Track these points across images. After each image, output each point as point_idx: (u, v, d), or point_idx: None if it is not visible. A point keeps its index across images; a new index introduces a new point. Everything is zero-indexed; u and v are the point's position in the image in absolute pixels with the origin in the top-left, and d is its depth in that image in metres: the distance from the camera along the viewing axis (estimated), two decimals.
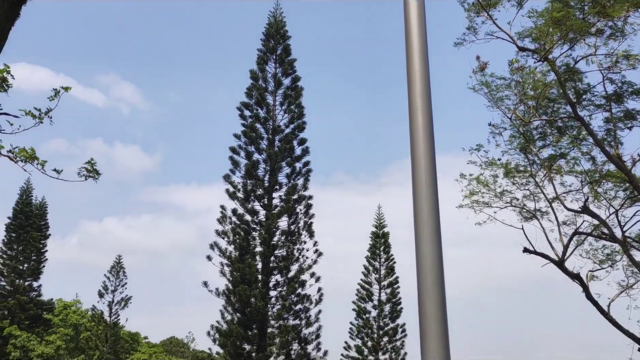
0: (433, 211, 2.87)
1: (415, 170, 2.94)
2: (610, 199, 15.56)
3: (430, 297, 2.74)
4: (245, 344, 26.45)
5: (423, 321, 2.72)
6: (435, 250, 2.80)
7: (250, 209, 28.06)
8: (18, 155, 5.51)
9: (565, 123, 14.99)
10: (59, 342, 42.23)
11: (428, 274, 2.77)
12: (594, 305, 14.76)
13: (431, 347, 2.65)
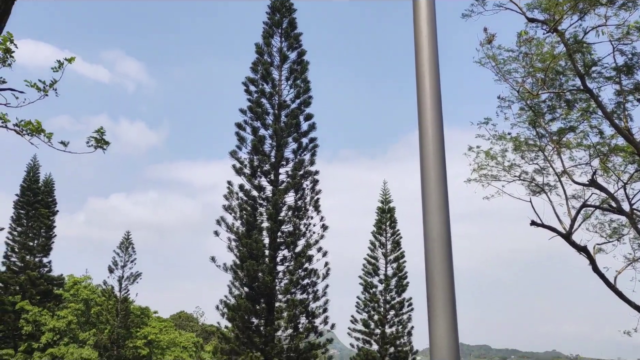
0: (441, 185, 2.85)
1: (423, 144, 2.92)
2: (619, 173, 15.47)
3: (437, 271, 2.73)
4: (254, 317, 26.75)
5: (431, 296, 2.72)
6: (443, 225, 2.79)
7: (256, 185, 28.09)
8: (24, 129, 5.51)
9: (574, 96, 14.81)
10: (71, 317, 42.90)
11: (436, 248, 2.76)
12: (601, 277, 14.79)
13: (439, 322, 2.66)
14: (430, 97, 2.95)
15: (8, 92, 5.64)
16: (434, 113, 2.94)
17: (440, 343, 2.64)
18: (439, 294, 2.70)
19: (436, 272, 2.74)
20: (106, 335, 41.03)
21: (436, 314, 2.69)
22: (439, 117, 2.94)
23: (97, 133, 6.30)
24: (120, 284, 43.95)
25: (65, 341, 42.18)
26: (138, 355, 42.10)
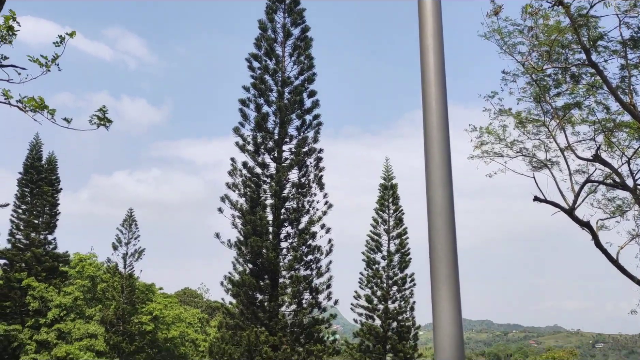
0: (444, 162, 2.85)
1: (427, 120, 2.91)
2: (623, 148, 15.41)
3: (441, 247, 2.74)
4: (258, 293, 27.01)
5: (434, 272, 2.74)
6: (447, 201, 2.79)
7: (260, 162, 28.11)
8: (27, 105, 5.50)
9: (580, 70, 14.68)
10: (77, 293, 43.39)
11: (439, 224, 2.77)
12: (603, 253, 14.84)
13: (442, 298, 2.68)
14: (434, 73, 2.93)
15: (10, 68, 5.62)
16: (438, 89, 2.92)
17: (443, 319, 2.66)
18: (442, 269, 2.72)
19: (440, 247, 2.75)
20: (112, 311, 41.50)
21: (440, 290, 2.70)
22: (443, 94, 2.93)
23: (99, 111, 6.29)
24: (125, 260, 44.34)
25: (71, 317, 42.74)
26: (144, 331, 42.64)
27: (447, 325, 2.65)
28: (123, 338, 40.99)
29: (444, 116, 2.88)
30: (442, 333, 2.67)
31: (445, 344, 2.65)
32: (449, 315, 2.66)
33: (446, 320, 2.65)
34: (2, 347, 41.42)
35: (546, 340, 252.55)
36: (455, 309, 2.68)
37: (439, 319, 2.67)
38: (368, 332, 39.51)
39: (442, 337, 2.68)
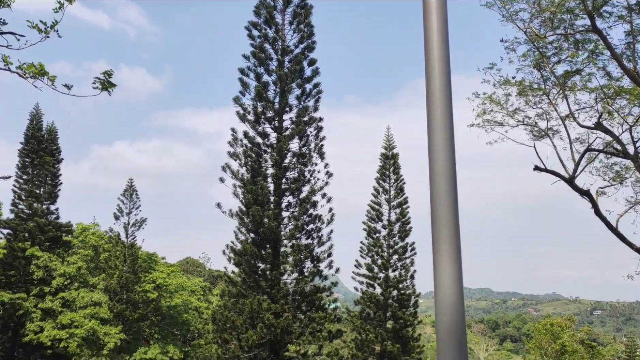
0: (447, 132, 2.86)
1: (430, 89, 2.91)
2: (625, 116, 15.36)
3: (443, 216, 2.77)
4: (260, 262, 27.27)
5: (436, 239, 2.77)
6: (449, 171, 2.81)
7: (261, 132, 28.05)
8: (27, 71, 5.48)
9: (583, 36, 14.52)
10: (80, 263, 43.82)
11: (441, 193, 2.79)
12: (603, 221, 14.93)
13: (443, 265, 2.71)
14: (437, 42, 2.92)
15: (9, 35, 5.58)
16: (441, 58, 2.92)
17: (444, 285, 2.70)
18: (443, 237, 2.75)
19: (441, 218, 2.78)
20: (115, 280, 41.97)
21: (441, 256, 2.74)
22: (446, 62, 2.92)
23: (104, 74, 6.19)
24: (127, 230, 44.63)
25: (75, 286, 43.25)
26: (147, 299, 43.20)
27: (449, 293, 2.69)
28: (127, 306, 41.56)
29: (447, 84, 2.88)
30: (444, 300, 2.71)
31: (446, 309, 2.69)
32: (451, 284, 2.70)
33: (447, 288, 2.69)
34: (8, 315, 42.05)
35: (544, 308, 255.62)
36: (457, 277, 2.72)
37: (441, 285, 2.71)
38: (369, 300, 39.99)
39: (443, 301, 2.72)
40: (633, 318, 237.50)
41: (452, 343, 2.66)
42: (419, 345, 40.53)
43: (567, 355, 43.54)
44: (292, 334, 26.06)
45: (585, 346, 48.38)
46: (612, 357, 63.40)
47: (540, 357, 44.77)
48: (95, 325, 39.71)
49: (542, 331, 45.64)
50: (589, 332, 64.10)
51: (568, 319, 52.65)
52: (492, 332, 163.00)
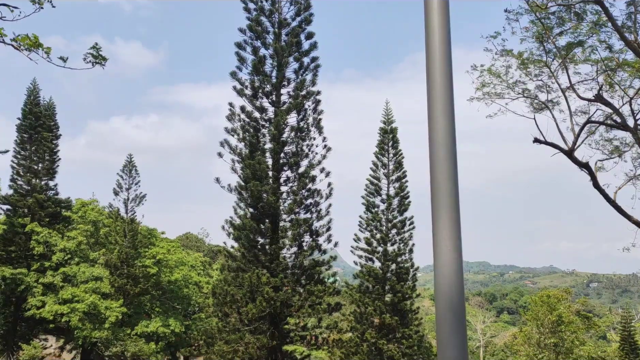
0: (447, 104, 2.83)
1: (430, 62, 2.88)
2: (625, 88, 15.27)
3: (443, 189, 2.76)
4: (259, 236, 27.40)
5: (435, 212, 2.77)
6: (449, 144, 2.79)
7: (258, 106, 27.90)
8: (21, 43, 5.40)
9: (584, 7, 14.35)
10: (80, 238, 43.99)
11: (441, 167, 2.77)
12: (601, 193, 14.96)
13: (443, 236, 2.71)
14: (438, 14, 2.88)
15: (2, 6, 5.50)
16: (441, 31, 2.88)
17: (444, 257, 2.70)
18: (443, 209, 2.74)
19: (440, 191, 2.77)
20: (115, 255, 42.23)
21: (441, 228, 2.74)
22: (447, 35, 2.88)
23: (92, 49, 6.17)
24: (126, 206, 44.73)
25: (76, 261, 43.50)
26: (148, 274, 43.51)
27: (448, 264, 2.69)
28: (127, 281, 41.89)
29: (447, 57, 2.85)
30: (443, 272, 2.71)
31: (445, 281, 2.70)
32: (449, 252, 2.70)
33: (447, 259, 2.69)
34: (10, 290, 42.37)
35: (541, 281, 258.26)
36: (456, 246, 2.72)
37: (439, 254, 2.71)
38: (367, 274, 40.30)
39: (442, 273, 2.72)
40: (629, 290, 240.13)
41: (451, 316, 2.68)
42: (417, 318, 41.00)
43: (563, 326, 44.11)
44: (292, 307, 26.33)
45: (581, 317, 49.00)
46: (607, 327, 64.27)
47: (537, 328, 45.35)
48: (96, 299, 40.06)
49: (538, 303, 46.14)
50: (585, 303, 64.84)
51: (565, 291, 53.19)
52: (489, 304, 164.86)
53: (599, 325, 53.55)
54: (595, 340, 57.84)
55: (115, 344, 39.03)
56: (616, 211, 14.69)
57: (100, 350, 41.05)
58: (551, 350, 43.21)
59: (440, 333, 2.68)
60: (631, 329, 47.73)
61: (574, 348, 43.83)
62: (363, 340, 38.77)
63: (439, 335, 2.68)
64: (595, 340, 57.84)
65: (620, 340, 47.82)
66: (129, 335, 40.14)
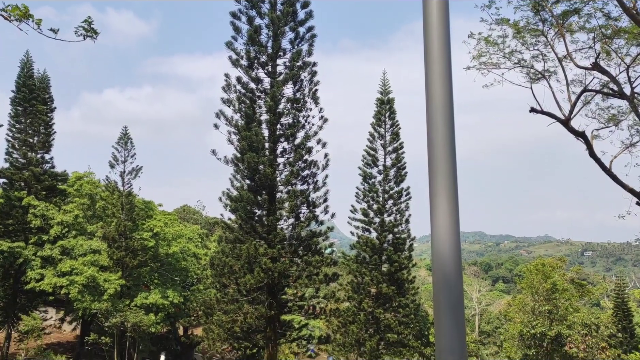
0: (445, 75, 2.81)
1: (428, 30, 2.84)
2: (622, 56, 15.17)
3: (440, 159, 2.75)
4: (256, 208, 27.47)
5: (433, 183, 2.76)
6: (447, 115, 2.78)
7: (254, 77, 27.67)
8: (11, 14, 5.32)
9: None
10: (77, 211, 44.03)
11: (439, 137, 2.76)
12: (597, 162, 15.00)
13: (440, 204, 2.71)
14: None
15: None
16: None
17: (441, 226, 2.71)
18: (440, 180, 2.74)
19: (438, 161, 2.76)
20: (113, 227, 42.31)
21: (438, 196, 2.74)
22: (445, 2, 2.84)
23: (85, 22, 6.09)
24: (123, 178, 44.65)
25: (73, 234, 43.62)
26: (146, 247, 43.69)
27: (444, 233, 2.70)
28: (126, 253, 42.09)
29: (445, 25, 2.81)
30: (440, 239, 2.73)
31: (442, 250, 2.72)
32: (447, 225, 2.71)
33: (443, 225, 2.70)
34: (9, 263, 42.59)
35: (536, 250, 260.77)
36: (453, 216, 2.73)
37: (436, 224, 2.72)
38: (364, 244, 40.63)
39: (439, 242, 2.74)
40: (623, 258, 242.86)
41: (448, 285, 2.70)
42: (413, 287, 41.49)
43: (558, 294, 44.70)
44: (289, 278, 26.58)
45: (576, 285, 49.63)
46: (601, 295, 65.17)
47: (531, 295, 45.96)
48: (95, 272, 40.31)
49: (533, 271, 46.67)
50: (580, 271, 65.58)
51: (559, 260, 53.75)
52: (485, 273, 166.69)
53: (593, 293, 54.27)
54: (589, 308, 58.74)
55: (115, 315, 39.40)
56: (612, 180, 14.75)
57: (100, 321, 41.46)
58: (545, 317, 43.89)
59: (438, 303, 2.71)
60: (624, 296, 48.44)
61: (568, 315, 44.52)
62: (360, 310, 39.29)
63: (436, 305, 2.71)
64: (589, 308, 58.74)
65: (614, 307, 48.57)
66: (129, 307, 40.53)
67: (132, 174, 44.75)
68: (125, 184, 44.68)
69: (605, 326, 46.89)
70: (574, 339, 45.58)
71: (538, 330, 42.70)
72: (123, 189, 44.54)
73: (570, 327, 44.09)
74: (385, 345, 38.97)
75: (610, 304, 52.85)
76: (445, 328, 2.64)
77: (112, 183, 44.48)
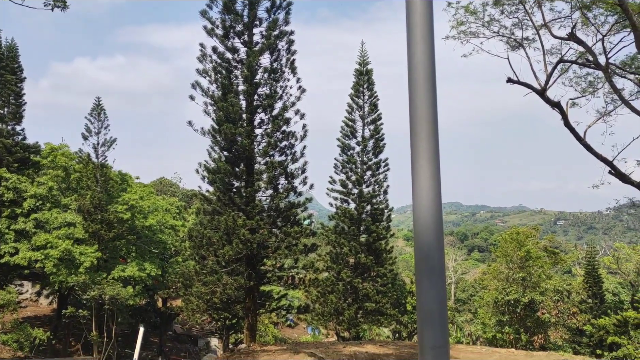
0: (427, 44, 2.76)
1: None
2: (599, 25, 15.24)
3: (421, 124, 2.73)
4: (234, 180, 27.30)
5: (415, 151, 2.74)
6: (429, 85, 2.75)
7: (230, 47, 27.20)
8: None
9: None
10: (51, 183, 43.30)
11: (421, 102, 2.74)
12: (571, 132, 15.17)
13: (422, 174, 2.69)
14: None
15: None
16: None
17: (423, 194, 2.70)
18: (422, 152, 2.72)
19: (421, 125, 2.74)
20: (88, 200, 41.74)
21: (420, 164, 2.72)
22: None
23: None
24: (96, 150, 43.91)
25: (47, 207, 42.97)
26: (122, 219, 43.27)
27: (426, 198, 2.70)
28: (102, 226, 41.64)
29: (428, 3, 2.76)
30: (422, 205, 2.72)
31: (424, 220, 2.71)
32: (428, 194, 2.70)
33: (425, 190, 2.70)
34: None
35: (511, 220, 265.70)
36: (435, 182, 2.72)
37: (418, 189, 2.71)
38: (343, 215, 40.85)
39: (421, 208, 2.73)
40: (594, 227, 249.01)
41: (430, 254, 2.70)
42: (391, 257, 42.01)
43: (531, 262, 45.73)
44: (268, 249, 26.63)
45: (548, 253, 50.79)
46: (572, 263, 66.86)
47: (506, 263, 46.94)
48: (70, 245, 39.86)
49: (508, 240, 47.58)
50: (552, 240, 67.10)
51: (533, 229, 54.83)
52: (461, 243, 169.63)
53: (565, 261, 55.65)
54: (561, 275, 60.29)
55: (92, 288, 39.17)
56: (586, 149, 14.95)
57: (77, 294, 41.22)
58: (519, 284, 44.95)
59: (419, 271, 2.70)
60: (595, 263, 49.75)
61: (541, 282, 45.65)
62: (339, 280, 39.71)
63: (418, 272, 2.71)
64: (561, 275, 60.29)
65: (585, 274, 49.88)
66: (106, 280, 40.30)
67: (106, 146, 44.06)
68: (99, 155, 43.99)
69: (577, 292, 48.25)
70: (547, 304, 46.89)
71: (512, 297, 43.74)
72: (97, 161, 43.86)
73: (542, 294, 45.27)
74: (364, 314, 39.57)
75: (581, 271, 54.29)
76: (426, 290, 2.65)
77: (86, 155, 43.73)
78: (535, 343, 44.58)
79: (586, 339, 43.77)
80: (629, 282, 56.02)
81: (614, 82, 14.81)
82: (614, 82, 14.81)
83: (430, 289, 2.66)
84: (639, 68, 15.87)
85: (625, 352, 38.54)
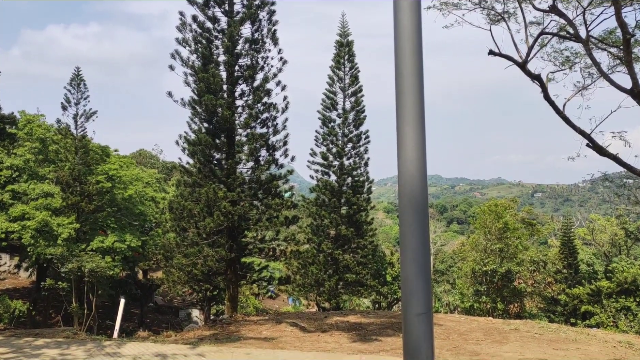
0: (414, 17, 2.76)
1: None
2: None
3: (407, 94, 2.75)
4: (215, 152, 27.11)
5: (400, 120, 2.76)
6: (415, 57, 2.76)
7: (210, 16, 26.75)
8: None
9: None
10: (28, 155, 42.58)
11: (407, 72, 2.75)
12: (551, 104, 15.33)
13: (408, 145, 2.72)
14: None
15: None
16: None
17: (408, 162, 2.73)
18: (408, 126, 2.74)
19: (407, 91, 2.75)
20: (67, 172, 41.16)
21: (405, 138, 2.74)
22: None
23: None
24: (76, 122, 43.13)
25: (24, 178, 42.31)
26: (102, 190, 42.82)
27: (412, 165, 2.73)
28: (81, 198, 41.18)
29: None
30: (407, 173, 2.75)
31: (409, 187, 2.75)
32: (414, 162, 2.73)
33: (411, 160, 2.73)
34: None
35: (490, 192, 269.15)
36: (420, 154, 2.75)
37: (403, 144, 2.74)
38: (324, 187, 40.99)
39: (406, 174, 2.76)
40: (570, 199, 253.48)
41: (415, 219, 2.75)
42: (371, 229, 42.43)
43: (509, 233, 46.54)
44: (250, 221, 26.67)
45: (526, 224, 51.72)
46: (549, 234, 68.19)
47: (484, 235, 47.70)
48: (47, 216, 39.42)
49: (486, 212, 48.27)
50: (530, 212, 68.24)
51: (511, 201, 55.64)
52: (440, 215, 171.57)
53: (542, 232, 56.76)
54: (538, 246, 61.50)
55: (71, 259, 38.91)
56: (564, 122, 15.15)
57: (56, 266, 40.92)
58: (497, 255, 45.79)
59: (404, 238, 2.75)
60: (570, 234, 50.81)
61: (518, 253, 46.56)
62: (319, 251, 40.05)
63: (403, 239, 2.76)
64: (538, 246, 61.50)
65: (560, 245, 50.94)
66: (85, 251, 40.03)
67: (85, 117, 43.28)
68: (78, 127, 43.24)
69: (552, 263, 49.36)
70: (523, 275, 47.96)
71: (489, 267, 44.61)
72: (76, 132, 43.14)
73: (519, 264, 46.24)
74: (344, 285, 40.08)
75: (557, 242, 55.44)
76: (410, 259, 2.70)
77: (65, 126, 42.95)
78: (511, 312, 45.70)
79: (560, 308, 44.97)
80: (603, 253, 57.45)
81: (593, 55, 14.94)
82: (593, 55, 14.94)
83: (414, 258, 2.71)
84: (616, 42, 16.02)
85: (597, 320, 39.75)
